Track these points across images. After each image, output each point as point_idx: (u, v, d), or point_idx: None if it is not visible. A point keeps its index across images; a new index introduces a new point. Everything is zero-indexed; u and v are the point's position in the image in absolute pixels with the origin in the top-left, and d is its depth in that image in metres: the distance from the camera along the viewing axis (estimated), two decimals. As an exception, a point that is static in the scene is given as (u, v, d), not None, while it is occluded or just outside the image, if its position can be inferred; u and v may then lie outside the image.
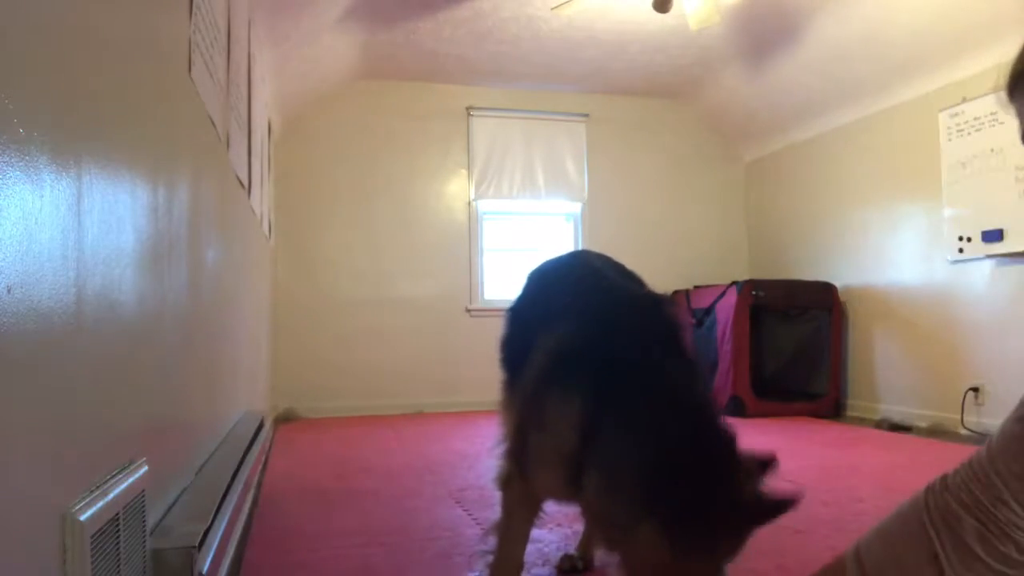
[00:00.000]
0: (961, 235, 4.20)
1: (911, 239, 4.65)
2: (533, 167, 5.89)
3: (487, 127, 5.83)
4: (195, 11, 1.78)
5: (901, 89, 4.66)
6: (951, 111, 4.26)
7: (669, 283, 5.65)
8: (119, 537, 0.97)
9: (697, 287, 5.67)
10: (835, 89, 5.01)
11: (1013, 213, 3.86)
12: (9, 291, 0.70)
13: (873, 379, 4.93)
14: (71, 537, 0.83)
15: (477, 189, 5.79)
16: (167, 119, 1.49)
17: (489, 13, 4.50)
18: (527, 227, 6.08)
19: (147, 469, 1.13)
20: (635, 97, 6.10)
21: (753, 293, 5.01)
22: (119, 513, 0.97)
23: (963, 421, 4.15)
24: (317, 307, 5.43)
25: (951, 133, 4.27)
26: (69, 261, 0.88)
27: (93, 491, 0.92)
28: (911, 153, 4.62)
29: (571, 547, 1.95)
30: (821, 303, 5.12)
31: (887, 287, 4.85)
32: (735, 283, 5.11)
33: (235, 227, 2.67)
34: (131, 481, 1.04)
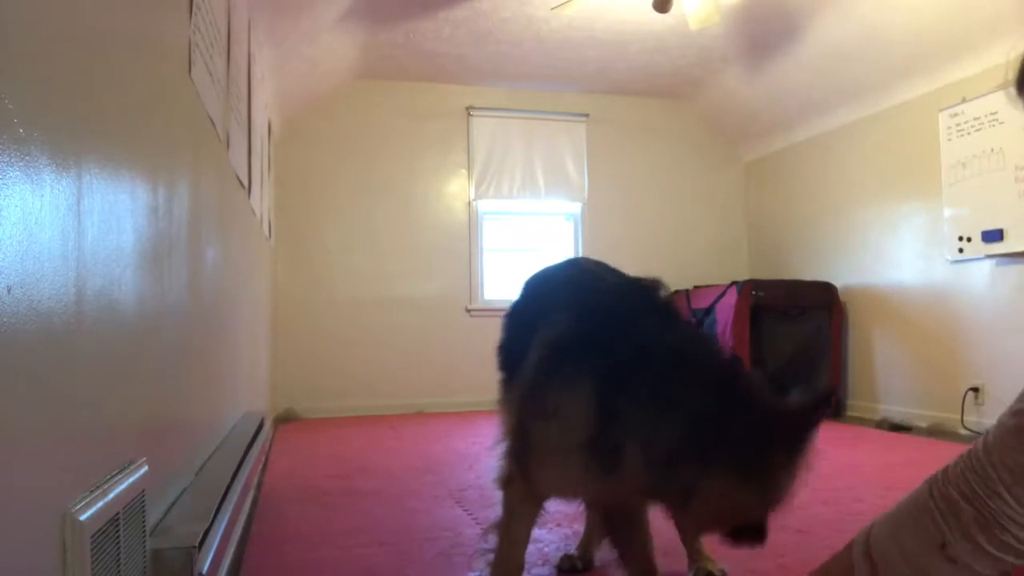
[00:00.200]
0: (961, 235, 4.20)
1: (911, 239, 4.65)
2: (533, 167, 5.89)
3: (487, 127, 5.83)
4: (195, 11, 1.78)
5: (901, 89, 4.66)
6: (951, 111, 4.26)
7: (669, 283, 5.60)
8: (119, 537, 0.97)
9: (697, 287, 5.67)
10: (835, 89, 5.01)
11: (1013, 213, 3.86)
12: (9, 291, 0.70)
13: (873, 379, 4.93)
14: (71, 537, 0.83)
15: (477, 189, 5.79)
16: (167, 119, 1.49)
17: (489, 13, 4.50)
18: (527, 227, 6.08)
19: (147, 469, 1.13)
20: (635, 97, 6.10)
21: (753, 293, 5.01)
22: (119, 513, 0.97)
23: (963, 421, 4.15)
24: (317, 307, 5.43)
25: (951, 133, 4.27)
26: (69, 261, 0.88)
27: (93, 491, 0.92)
28: (911, 153, 4.62)
29: (571, 547, 1.95)
30: (821, 303, 5.12)
31: (887, 287, 4.85)
32: (735, 283, 5.11)
33: (235, 227, 2.67)
34: (131, 481, 1.04)
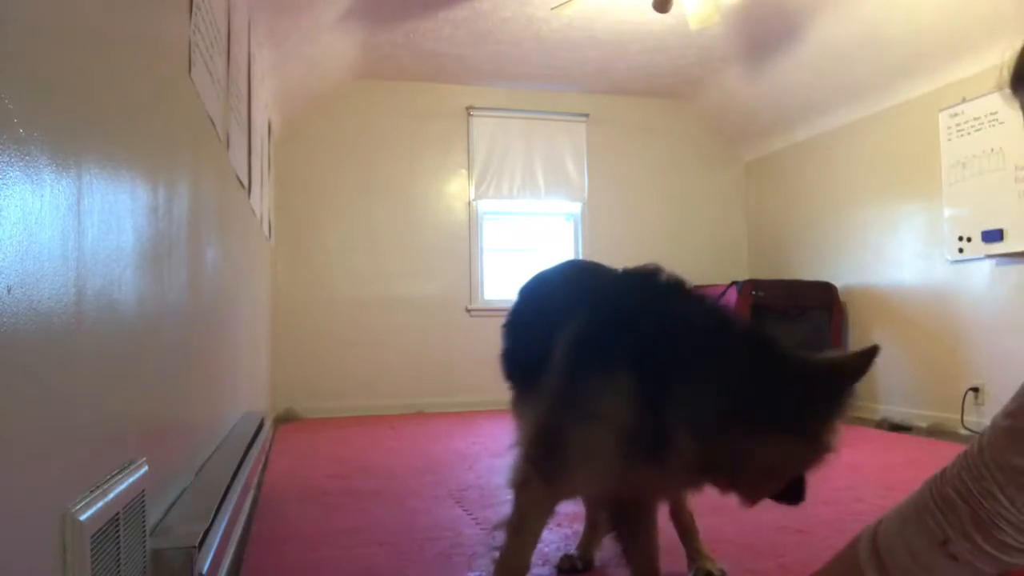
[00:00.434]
0: (961, 235, 4.20)
1: (911, 239, 4.65)
2: (533, 167, 5.89)
3: (487, 127, 5.83)
4: (195, 11, 1.78)
5: (901, 89, 4.66)
6: (951, 111, 4.26)
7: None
8: (119, 537, 0.97)
9: (697, 287, 5.65)
10: (835, 89, 5.01)
11: (1013, 213, 3.86)
12: (9, 291, 0.70)
13: (873, 379, 4.93)
14: (71, 537, 0.83)
15: (477, 189, 5.79)
16: (167, 119, 1.49)
17: (489, 13, 4.50)
18: (527, 227, 6.08)
19: (147, 469, 1.13)
20: (635, 97, 6.10)
21: (753, 293, 5.01)
22: (119, 513, 0.97)
23: (963, 421, 4.15)
24: (317, 307, 5.43)
25: (951, 133, 4.27)
26: (69, 261, 0.88)
27: (93, 491, 0.92)
28: (911, 153, 4.62)
29: (571, 547, 1.95)
30: (821, 303, 5.12)
31: (887, 287, 4.84)
32: (735, 283, 5.11)
33: (235, 227, 2.67)
34: (131, 481, 1.04)
